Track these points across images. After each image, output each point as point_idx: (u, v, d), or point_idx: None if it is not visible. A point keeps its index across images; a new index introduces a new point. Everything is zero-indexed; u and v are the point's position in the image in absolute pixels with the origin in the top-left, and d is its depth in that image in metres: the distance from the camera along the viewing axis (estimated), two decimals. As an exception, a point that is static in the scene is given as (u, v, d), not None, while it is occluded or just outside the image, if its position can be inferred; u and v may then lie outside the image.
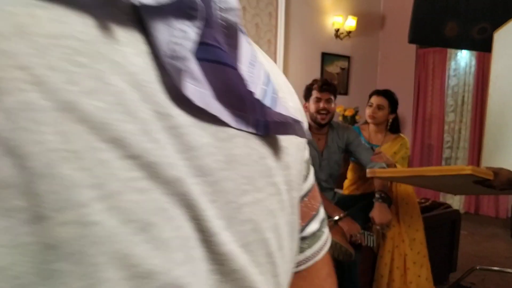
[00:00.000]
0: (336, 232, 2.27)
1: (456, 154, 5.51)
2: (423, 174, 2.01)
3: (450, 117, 5.56)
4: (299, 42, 5.24)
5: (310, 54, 5.37)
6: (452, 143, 5.57)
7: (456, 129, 5.51)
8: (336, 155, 2.73)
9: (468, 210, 5.37)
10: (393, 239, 2.65)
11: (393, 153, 2.90)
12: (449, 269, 3.36)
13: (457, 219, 3.38)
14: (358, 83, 5.91)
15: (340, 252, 2.21)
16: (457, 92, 5.50)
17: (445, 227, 3.31)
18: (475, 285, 3.24)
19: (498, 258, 3.97)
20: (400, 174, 2.15)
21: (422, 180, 2.33)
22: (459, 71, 5.48)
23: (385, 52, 6.13)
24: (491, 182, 1.79)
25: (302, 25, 5.25)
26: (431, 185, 2.77)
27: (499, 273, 3.51)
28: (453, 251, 3.37)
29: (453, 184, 2.18)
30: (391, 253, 2.65)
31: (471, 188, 2.08)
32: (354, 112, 5.29)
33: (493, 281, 3.36)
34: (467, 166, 1.75)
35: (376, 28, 6.13)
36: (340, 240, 2.22)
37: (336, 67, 5.66)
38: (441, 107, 5.62)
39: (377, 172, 2.18)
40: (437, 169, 2.03)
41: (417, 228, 2.76)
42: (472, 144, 5.33)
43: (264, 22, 4.92)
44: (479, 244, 4.42)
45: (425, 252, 2.76)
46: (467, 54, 5.38)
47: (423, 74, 5.76)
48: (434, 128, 5.72)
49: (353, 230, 2.31)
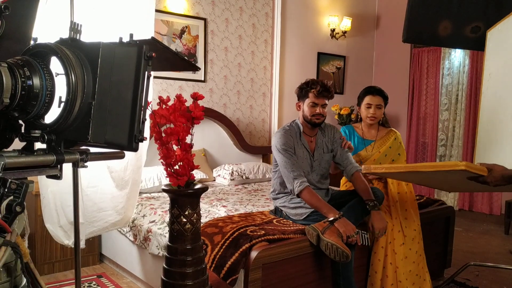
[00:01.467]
0: (332, 233, 2.29)
1: (450, 152, 5.57)
2: (417, 170, 2.04)
3: (444, 115, 5.62)
4: (295, 42, 5.28)
5: (306, 53, 5.42)
6: (446, 141, 5.63)
7: (450, 127, 5.57)
8: (327, 155, 2.78)
9: (462, 207, 5.43)
10: (386, 236, 2.69)
11: (388, 148, 2.97)
12: (444, 265, 3.41)
13: (451, 216, 3.43)
14: (354, 82, 5.96)
15: (337, 254, 2.24)
16: (451, 91, 5.56)
17: (439, 224, 3.36)
18: (470, 280, 3.29)
19: (492, 254, 4.03)
20: (394, 170, 2.19)
21: (417, 177, 2.37)
22: (453, 70, 5.54)
23: (380, 51, 6.19)
24: (485, 178, 1.81)
25: (298, 25, 5.29)
26: (425, 182, 2.81)
27: (493, 269, 3.56)
28: (448, 247, 3.42)
29: (447, 180, 2.21)
30: (384, 249, 2.69)
31: (465, 184, 2.10)
32: (350, 111, 5.34)
33: (487, 276, 3.42)
34: (460, 162, 1.77)
35: (371, 28, 6.19)
36: (336, 241, 2.25)
37: (332, 66, 5.71)
38: (435, 105, 5.68)
39: (372, 169, 2.21)
40: (431, 165, 2.05)
41: (413, 226, 2.80)
42: (466, 142, 5.39)
43: (261, 23, 4.96)
44: (473, 240, 4.48)
45: (418, 248, 2.80)
46: (461, 53, 5.43)
47: (417, 73, 5.82)
48: (428, 126, 5.78)
49: (349, 231, 2.32)
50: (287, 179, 2.58)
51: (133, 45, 0.96)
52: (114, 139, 0.96)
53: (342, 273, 2.47)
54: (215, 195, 3.60)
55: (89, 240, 3.23)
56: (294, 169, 2.56)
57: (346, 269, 2.46)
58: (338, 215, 2.36)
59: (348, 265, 2.46)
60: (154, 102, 1.81)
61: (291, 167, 2.56)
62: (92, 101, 0.94)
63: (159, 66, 1.41)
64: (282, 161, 2.61)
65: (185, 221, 1.79)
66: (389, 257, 2.70)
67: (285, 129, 2.72)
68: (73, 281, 3.07)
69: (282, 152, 2.61)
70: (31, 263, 0.85)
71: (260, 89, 5.03)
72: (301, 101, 2.72)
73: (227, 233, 2.37)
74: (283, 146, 2.62)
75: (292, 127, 2.74)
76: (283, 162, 2.59)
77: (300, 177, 2.54)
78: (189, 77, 4.42)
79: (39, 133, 0.95)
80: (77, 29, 1.00)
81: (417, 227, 2.82)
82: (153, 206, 3.12)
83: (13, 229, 0.77)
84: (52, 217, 2.56)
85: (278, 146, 2.64)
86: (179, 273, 1.78)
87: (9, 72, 0.85)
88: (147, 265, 2.95)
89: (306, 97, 2.67)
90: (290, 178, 2.55)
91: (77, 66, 0.93)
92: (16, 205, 0.77)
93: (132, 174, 2.75)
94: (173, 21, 4.28)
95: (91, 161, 1.03)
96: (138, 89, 0.95)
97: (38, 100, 0.90)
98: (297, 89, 2.74)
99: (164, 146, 1.69)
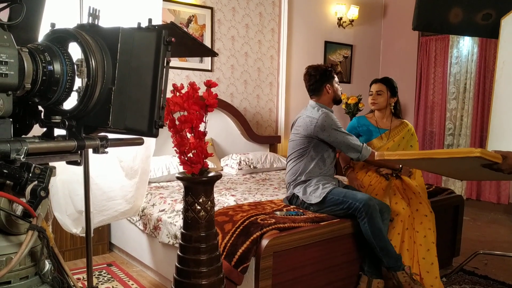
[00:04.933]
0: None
1: (458, 141, 5.54)
2: (431, 156, 2.01)
3: (452, 104, 5.58)
4: (302, 30, 5.24)
5: (313, 42, 5.38)
6: (454, 130, 5.59)
7: (458, 116, 5.53)
8: None
9: (470, 196, 5.41)
10: (404, 222, 2.69)
11: (401, 138, 3.00)
12: (453, 253, 3.41)
13: (460, 205, 3.42)
14: (361, 71, 5.92)
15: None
16: (459, 80, 5.51)
17: (448, 213, 3.35)
18: (478, 269, 3.29)
19: (500, 243, 4.02)
20: (407, 157, 2.16)
21: (429, 164, 2.34)
22: (461, 58, 5.48)
23: (388, 40, 6.13)
24: (500, 166, 1.79)
25: (305, 14, 5.25)
26: (437, 169, 2.79)
27: (502, 258, 3.56)
28: (457, 236, 3.42)
29: (460, 168, 2.19)
30: (401, 235, 2.69)
31: (478, 172, 2.08)
32: (357, 100, 5.31)
33: (496, 265, 3.41)
34: (475, 149, 1.74)
35: (379, 17, 6.13)
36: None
37: (339, 55, 5.67)
38: (443, 94, 5.64)
39: (386, 155, 2.19)
40: (446, 151, 2.02)
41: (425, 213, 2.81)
42: (474, 131, 5.36)
43: (268, 11, 4.92)
44: (481, 229, 4.48)
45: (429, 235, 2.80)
46: (470, 41, 5.38)
47: (425, 62, 5.77)
48: (436, 115, 5.74)
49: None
50: (352, 149, 2.71)
51: (152, 30, 0.95)
52: (134, 125, 0.96)
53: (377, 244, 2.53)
54: (224, 184, 3.61)
55: (99, 229, 3.25)
56: (353, 138, 2.74)
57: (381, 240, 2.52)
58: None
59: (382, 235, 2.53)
60: (167, 90, 1.80)
61: (351, 137, 2.73)
62: (112, 87, 0.94)
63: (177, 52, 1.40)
64: (342, 136, 2.71)
65: (199, 208, 1.79)
66: (406, 244, 2.70)
67: (324, 111, 2.76)
68: (84, 270, 3.10)
69: (338, 128, 2.72)
70: (55, 247, 0.85)
71: (267, 79, 5.00)
72: (328, 83, 2.81)
73: (238, 221, 2.38)
74: (337, 122, 2.75)
75: (324, 108, 2.80)
76: (344, 137, 2.71)
77: (361, 143, 2.75)
78: (196, 67, 4.40)
79: (60, 119, 0.94)
80: (96, 14, 0.99)
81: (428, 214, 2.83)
82: (163, 195, 3.13)
83: (38, 213, 0.77)
84: (60, 206, 2.58)
85: (333, 125, 2.71)
86: (193, 260, 1.79)
87: (30, 57, 0.85)
88: (157, 254, 2.97)
89: (333, 78, 2.82)
90: (356, 148, 2.71)
91: (97, 52, 0.92)
92: (41, 190, 0.77)
93: (141, 163, 2.75)
94: (180, 10, 4.25)
95: (111, 147, 1.03)
96: (157, 74, 0.94)
97: (59, 85, 0.90)
98: (322, 72, 2.80)
99: (178, 134, 1.69)
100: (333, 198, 2.57)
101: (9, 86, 0.80)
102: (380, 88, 3.00)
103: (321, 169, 2.76)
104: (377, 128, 3.03)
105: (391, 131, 3.02)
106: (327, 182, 2.71)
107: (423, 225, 2.79)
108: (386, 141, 3.00)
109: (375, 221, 2.46)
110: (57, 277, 0.85)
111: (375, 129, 3.03)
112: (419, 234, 2.77)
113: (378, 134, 3.02)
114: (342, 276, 2.61)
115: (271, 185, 3.63)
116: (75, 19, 2.08)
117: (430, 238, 2.78)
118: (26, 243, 0.74)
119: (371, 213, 2.45)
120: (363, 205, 2.46)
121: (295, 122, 2.87)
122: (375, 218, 2.46)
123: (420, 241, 2.77)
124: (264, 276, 2.18)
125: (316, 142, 2.74)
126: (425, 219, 2.79)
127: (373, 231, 2.46)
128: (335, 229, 2.52)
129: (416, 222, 2.78)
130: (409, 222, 2.74)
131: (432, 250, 2.77)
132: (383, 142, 2.99)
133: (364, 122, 3.08)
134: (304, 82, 2.88)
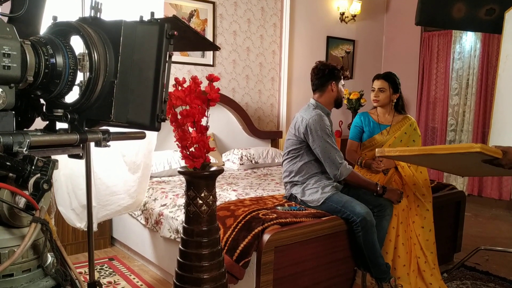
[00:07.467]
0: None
1: (460, 137, 5.53)
2: (432, 152, 2.02)
3: (454, 100, 5.56)
4: (304, 25, 5.22)
5: (315, 37, 5.36)
6: (456, 126, 5.58)
7: (460, 112, 5.52)
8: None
9: (471, 192, 5.41)
10: (398, 216, 2.70)
11: (403, 133, 2.99)
12: (454, 249, 3.42)
13: (462, 200, 3.42)
14: (363, 66, 5.90)
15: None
16: (462, 75, 5.48)
17: (450, 208, 3.35)
18: (480, 265, 3.30)
19: (501, 239, 4.02)
20: (408, 153, 2.17)
21: (430, 160, 2.35)
22: (464, 54, 5.46)
23: (390, 35, 6.11)
24: (500, 161, 1.80)
25: (307, 8, 5.22)
26: (438, 166, 2.79)
27: (503, 254, 3.56)
28: (458, 231, 3.42)
29: (461, 164, 2.20)
30: (396, 230, 2.70)
31: (479, 168, 2.09)
32: (359, 96, 5.30)
33: (497, 261, 3.42)
34: (476, 144, 1.75)
35: (381, 12, 6.10)
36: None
37: (341, 50, 5.65)
38: (445, 90, 5.62)
39: (386, 152, 2.20)
40: (446, 147, 2.03)
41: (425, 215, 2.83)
42: (476, 127, 5.34)
43: (270, 6, 4.90)
44: (482, 225, 4.47)
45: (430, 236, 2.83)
46: (472, 37, 5.35)
47: (427, 58, 5.74)
48: (438, 111, 5.73)
49: (398, 195, 2.65)
50: (332, 164, 2.57)
51: (155, 23, 0.95)
52: (136, 119, 0.95)
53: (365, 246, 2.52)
54: (225, 179, 3.61)
55: (100, 223, 3.25)
56: (338, 153, 2.59)
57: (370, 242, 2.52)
58: (382, 187, 2.60)
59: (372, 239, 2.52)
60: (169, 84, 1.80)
61: (336, 151, 2.58)
62: (115, 80, 0.94)
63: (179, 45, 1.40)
64: (325, 146, 2.56)
65: (201, 203, 1.79)
66: (401, 237, 2.71)
67: (317, 113, 2.63)
68: (85, 264, 3.11)
69: (324, 136, 2.56)
70: (58, 240, 0.85)
71: (269, 74, 4.99)
72: (334, 81, 2.71)
73: (239, 216, 2.38)
74: (326, 129, 2.58)
75: (320, 110, 2.68)
76: (327, 147, 2.56)
77: (343, 160, 2.61)
78: (197, 62, 4.39)
79: (62, 112, 0.94)
80: (98, 7, 0.99)
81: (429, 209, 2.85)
82: (164, 190, 3.13)
83: (41, 206, 0.77)
84: (64, 200, 2.58)
85: (320, 130, 2.56)
86: (195, 255, 1.80)
87: (33, 49, 0.85)
88: (158, 248, 2.97)
89: (340, 78, 2.73)
90: (335, 163, 2.56)
91: (99, 45, 0.92)
92: (43, 183, 0.77)
93: (143, 158, 2.76)
94: (181, 4, 4.23)
95: (113, 140, 1.02)
96: (160, 68, 0.94)
97: (61, 78, 0.89)
98: (331, 69, 2.71)
99: (180, 128, 1.69)
100: (332, 205, 2.56)
101: (11, 78, 0.80)
102: (383, 85, 2.98)
103: (317, 169, 2.68)
104: (378, 123, 3.03)
105: (392, 126, 3.02)
106: (327, 185, 2.64)
107: (422, 227, 2.82)
108: (387, 137, 2.99)
109: (370, 236, 2.47)
110: (60, 269, 0.85)
111: (377, 125, 3.03)
112: (421, 237, 2.80)
113: (379, 130, 3.02)
114: (343, 271, 2.62)
115: (273, 180, 3.63)
116: (77, 12, 2.08)
117: (431, 239, 2.82)
118: (29, 235, 0.75)
119: (367, 229, 2.46)
120: (360, 220, 2.45)
121: (293, 120, 2.85)
122: (370, 234, 2.47)
123: (421, 244, 2.80)
124: (266, 270, 2.19)
125: (308, 144, 2.65)
126: (425, 221, 2.83)
127: (366, 244, 2.48)
128: (336, 224, 2.52)
129: (416, 226, 2.81)
130: (403, 216, 2.75)
131: (434, 253, 2.82)
132: (385, 138, 2.99)
133: (367, 118, 3.08)
134: (311, 75, 2.77)
